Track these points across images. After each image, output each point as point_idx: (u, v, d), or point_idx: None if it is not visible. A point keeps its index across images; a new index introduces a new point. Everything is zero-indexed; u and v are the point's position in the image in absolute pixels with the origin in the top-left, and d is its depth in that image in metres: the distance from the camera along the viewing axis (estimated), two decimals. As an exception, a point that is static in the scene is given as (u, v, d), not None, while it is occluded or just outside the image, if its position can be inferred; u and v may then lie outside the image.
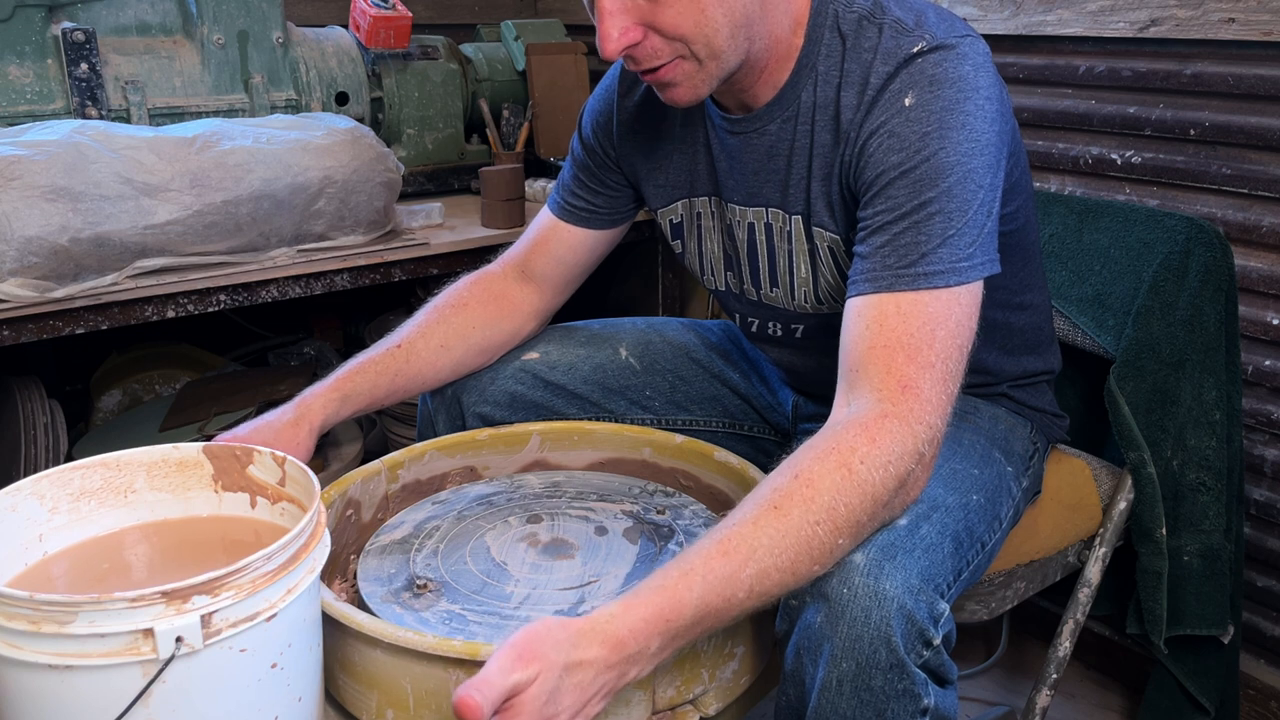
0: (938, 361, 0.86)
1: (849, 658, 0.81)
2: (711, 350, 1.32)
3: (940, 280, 0.88)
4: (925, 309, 0.88)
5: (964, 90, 0.91)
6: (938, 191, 0.89)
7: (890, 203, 0.91)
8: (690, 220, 1.17)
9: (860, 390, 0.87)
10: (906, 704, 0.82)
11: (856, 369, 0.89)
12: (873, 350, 0.88)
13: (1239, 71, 1.33)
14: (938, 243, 0.89)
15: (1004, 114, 0.95)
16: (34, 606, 0.70)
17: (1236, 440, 1.28)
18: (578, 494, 1.19)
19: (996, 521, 1.01)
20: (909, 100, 0.92)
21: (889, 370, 0.86)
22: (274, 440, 1.06)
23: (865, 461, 0.82)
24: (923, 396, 0.85)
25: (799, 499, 0.81)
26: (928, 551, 0.85)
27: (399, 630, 0.86)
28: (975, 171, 0.90)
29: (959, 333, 0.89)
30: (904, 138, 0.91)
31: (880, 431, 0.84)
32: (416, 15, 1.87)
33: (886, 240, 0.90)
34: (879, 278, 0.90)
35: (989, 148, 0.91)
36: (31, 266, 1.27)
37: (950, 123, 0.90)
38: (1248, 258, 1.36)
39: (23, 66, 1.54)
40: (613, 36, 0.91)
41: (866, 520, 0.83)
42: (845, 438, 0.84)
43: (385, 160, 1.55)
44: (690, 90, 0.97)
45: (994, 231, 0.93)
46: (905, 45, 0.93)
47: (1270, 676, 1.46)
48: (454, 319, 1.20)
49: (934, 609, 0.83)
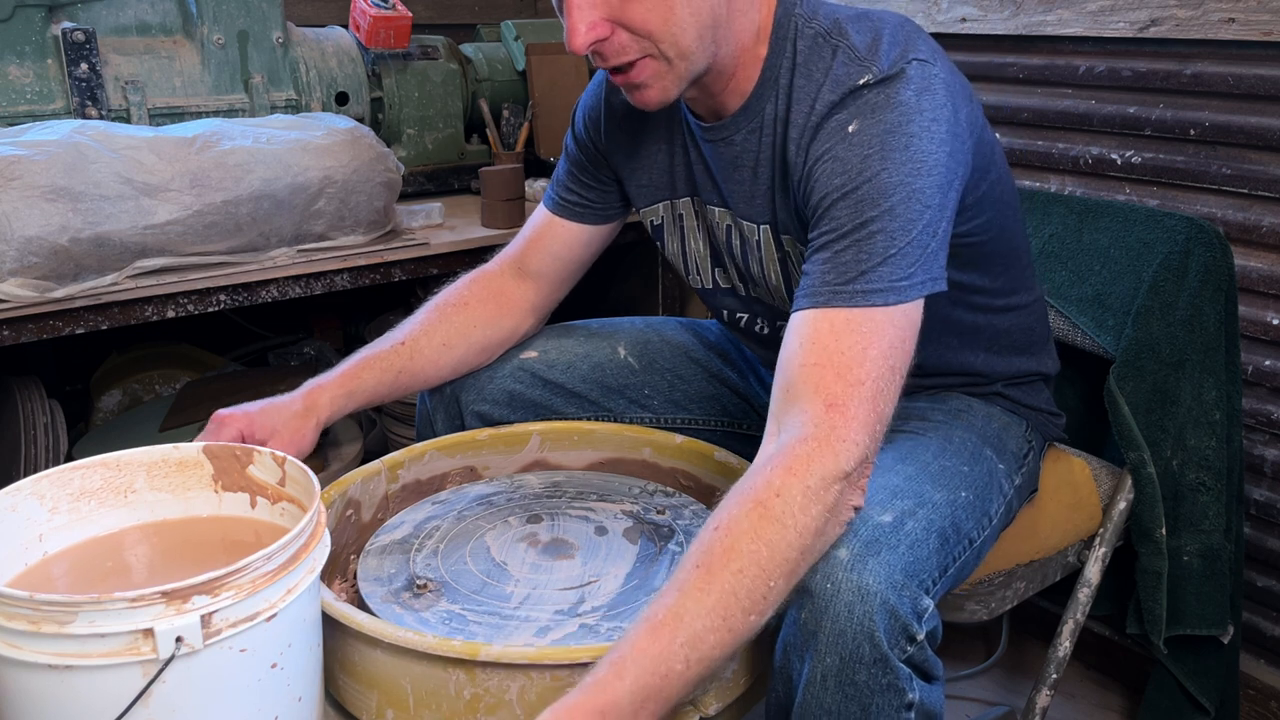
0: (867, 379, 0.85)
1: (833, 652, 0.81)
2: (710, 350, 1.33)
3: (879, 298, 0.88)
4: (859, 327, 0.87)
5: (906, 114, 0.90)
6: (879, 211, 0.89)
7: (833, 223, 0.91)
8: (672, 221, 1.18)
9: (788, 415, 0.86)
10: (891, 698, 0.82)
11: (787, 388, 0.88)
12: (804, 368, 0.87)
13: (1239, 71, 1.33)
14: (878, 261, 0.88)
15: (956, 134, 0.93)
16: (34, 606, 0.70)
17: (1236, 440, 1.28)
18: (578, 494, 1.20)
19: (986, 519, 1.01)
20: (852, 127, 0.92)
21: (817, 389, 0.85)
22: (281, 428, 1.07)
23: (782, 495, 0.81)
24: (848, 414, 0.84)
25: (720, 552, 0.80)
26: (912, 547, 0.86)
27: (399, 630, 0.86)
28: (920, 191, 0.89)
29: (892, 353, 0.87)
30: (846, 161, 0.91)
31: (798, 461, 0.82)
32: (416, 15, 1.87)
33: (828, 258, 0.90)
34: (817, 294, 0.89)
35: (936, 168, 0.90)
36: (31, 266, 1.27)
37: (892, 144, 0.90)
38: (1248, 258, 1.36)
39: (23, 66, 1.54)
40: (580, 30, 0.92)
41: (796, 556, 0.81)
42: (764, 476, 0.83)
43: (385, 160, 1.55)
44: (659, 91, 0.98)
45: (940, 251, 0.92)
46: (854, 75, 0.93)
47: (1270, 676, 1.46)
48: (455, 318, 1.21)
49: (917, 604, 0.83)
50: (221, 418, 1.06)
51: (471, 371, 1.25)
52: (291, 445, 1.07)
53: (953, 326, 1.10)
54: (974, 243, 1.04)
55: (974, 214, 1.02)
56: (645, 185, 1.18)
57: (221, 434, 1.05)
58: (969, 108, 0.97)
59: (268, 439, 1.06)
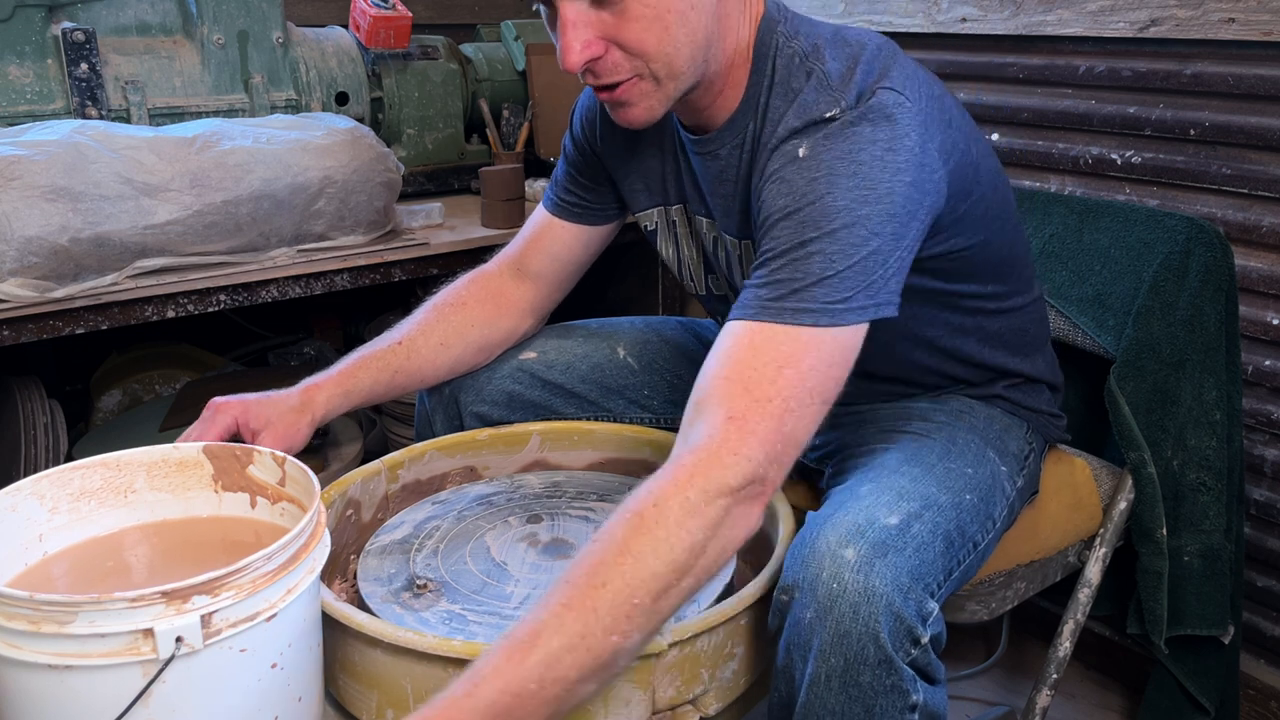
0: (776, 398, 0.83)
1: (837, 653, 0.81)
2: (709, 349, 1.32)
3: (808, 318, 0.86)
4: (778, 346, 0.85)
5: (858, 143, 0.89)
6: (820, 234, 0.87)
7: (774, 242, 0.90)
8: (666, 228, 1.18)
9: (692, 427, 0.85)
10: (895, 700, 0.82)
11: (697, 400, 0.86)
12: (715, 379, 0.86)
13: (1239, 71, 1.33)
14: (813, 281, 0.86)
15: (922, 164, 0.91)
16: (34, 606, 0.70)
17: (1236, 440, 1.28)
18: (578, 494, 1.20)
19: (990, 522, 1.01)
20: (803, 151, 0.91)
21: (721, 401, 0.84)
22: (276, 420, 1.07)
23: (659, 506, 0.78)
24: (747, 429, 0.81)
25: (587, 566, 0.77)
26: (919, 550, 0.86)
27: (399, 630, 0.86)
28: (866, 219, 0.87)
29: (811, 375, 0.85)
30: (793, 183, 0.90)
31: (683, 471, 0.80)
32: (416, 15, 1.87)
33: (764, 275, 0.89)
34: (747, 306, 0.89)
35: (888, 197, 0.88)
36: (31, 266, 1.27)
37: (840, 170, 0.88)
38: (1248, 258, 1.36)
39: (23, 66, 1.54)
40: (575, 49, 0.91)
41: (666, 572, 0.77)
42: (648, 486, 0.81)
43: (385, 160, 1.55)
44: (645, 110, 0.97)
45: (891, 278, 0.89)
46: (821, 106, 0.92)
47: (1270, 676, 1.46)
48: (453, 317, 1.21)
49: (923, 608, 0.83)
50: (217, 405, 1.07)
51: (469, 371, 1.25)
52: (284, 439, 1.07)
53: (945, 329, 1.10)
54: (959, 258, 1.04)
55: (953, 233, 1.01)
56: (639, 190, 1.18)
57: (216, 420, 1.05)
58: (944, 134, 0.95)
59: (261, 430, 1.06)
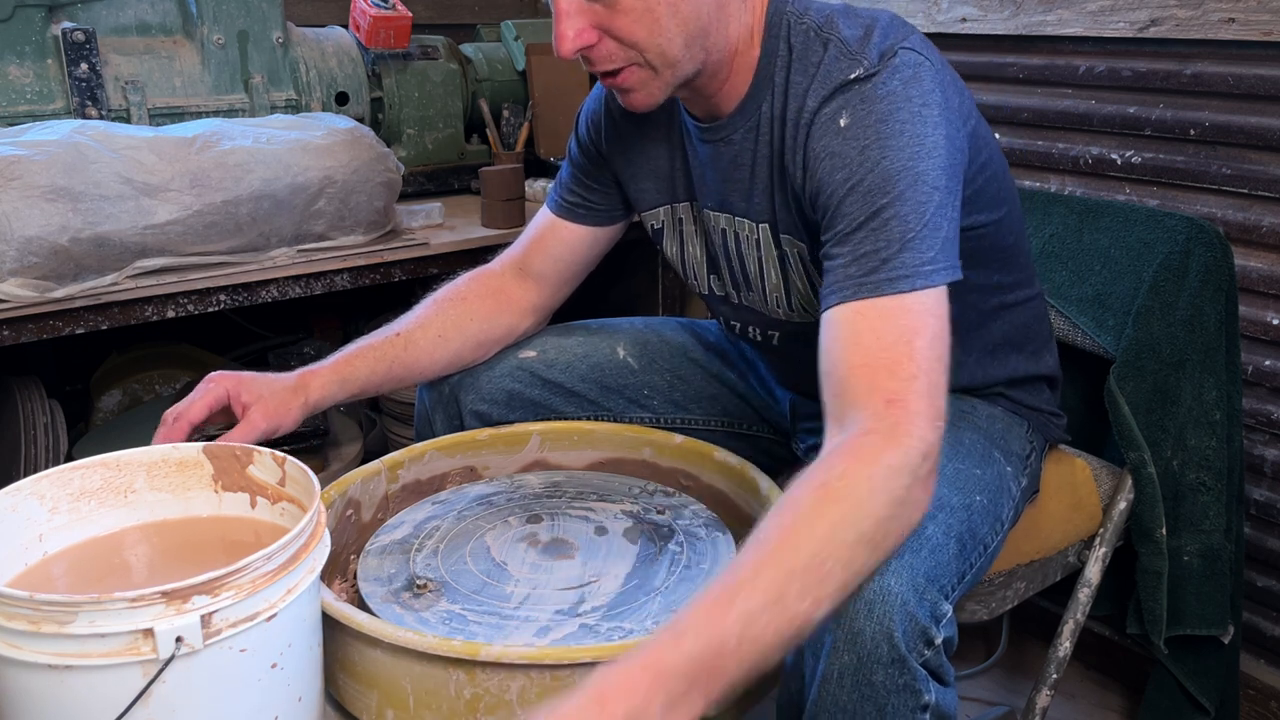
0: (920, 374, 0.84)
1: (850, 651, 0.81)
2: (709, 350, 1.33)
3: (906, 284, 0.87)
4: (898, 321, 0.87)
5: (894, 102, 0.91)
6: (889, 198, 0.89)
7: (845, 219, 0.91)
8: (672, 226, 1.18)
9: (848, 413, 0.85)
10: (907, 699, 0.82)
11: (841, 392, 0.87)
12: (853, 370, 0.86)
13: (1239, 71, 1.33)
14: (898, 248, 0.88)
15: (949, 120, 0.93)
16: (34, 606, 0.70)
17: (1236, 440, 1.28)
18: (578, 494, 1.20)
19: (999, 523, 1.01)
20: (844, 121, 0.92)
21: (873, 389, 0.84)
22: (268, 396, 1.08)
23: (846, 479, 0.80)
24: (910, 410, 0.83)
25: (778, 531, 0.78)
26: (933, 552, 0.85)
27: (399, 630, 0.86)
28: (925, 174, 0.89)
29: (936, 341, 0.87)
30: (844, 155, 0.92)
31: (864, 450, 0.81)
32: (416, 15, 1.87)
33: (848, 251, 0.90)
34: (844, 289, 0.89)
35: (936, 150, 0.90)
36: (31, 266, 1.27)
37: (886, 132, 0.90)
38: (1248, 258, 1.36)
39: (23, 66, 1.54)
40: (568, 36, 0.93)
41: (854, 540, 0.79)
42: (827, 463, 0.82)
43: (385, 160, 1.55)
44: (646, 96, 0.99)
45: (954, 237, 0.91)
46: (844, 69, 0.93)
47: (1270, 676, 1.46)
48: (452, 311, 1.21)
49: (937, 609, 0.83)
50: (213, 376, 1.08)
51: (468, 367, 1.24)
52: (274, 415, 1.07)
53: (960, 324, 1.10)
54: (977, 236, 1.04)
55: (973, 208, 1.01)
56: (646, 189, 1.18)
57: (210, 390, 1.06)
58: (960, 99, 0.97)
59: (252, 404, 1.07)
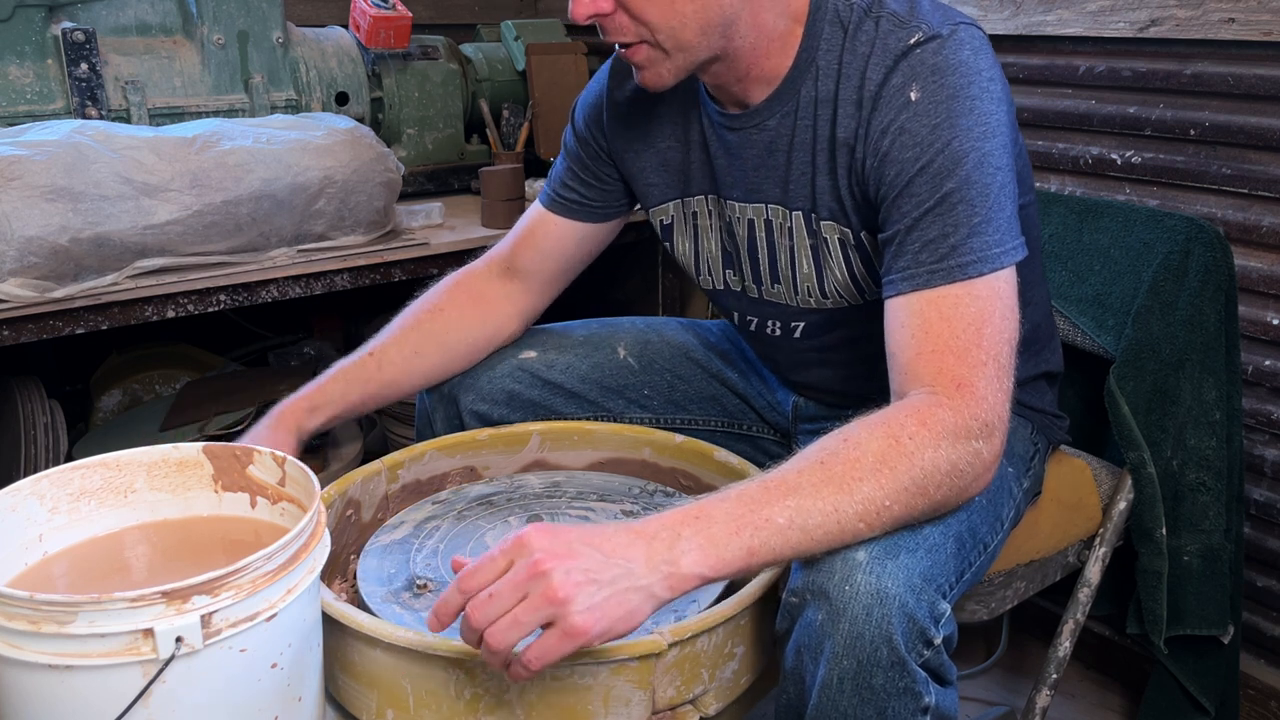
0: (989, 360, 0.86)
1: (850, 655, 0.80)
2: (710, 350, 1.32)
3: (974, 270, 0.88)
4: (967, 308, 0.88)
5: (966, 75, 0.91)
6: (957, 181, 0.89)
7: (913, 200, 0.91)
8: (684, 220, 1.17)
9: (915, 388, 0.87)
10: (908, 702, 0.82)
11: (908, 374, 0.88)
12: (921, 356, 0.87)
13: (1239, 71, 1.33)
14: (966, 232, 0.89)
15: (1007, 96, 0.95)
16: (34, 606, 0.70)
17: (1236, 440, 1.28)
18: (578, 494, 1.19)
19: (998, 523, 1.01)
20: (914, 94, 0.92)
21: (940, 372, 0.86)
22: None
23: (914, 438, 0.82)
24: (978, 394, 0.84)
25: (843, 458, 0.81)
26: (931, 552, 0.85)
27: (399, 630, 0.86)
28: (990, 154, 0.90)
29: (1004, 326, 0.88)
30: (915, 133, 0.92)
31: (932, 416, 0.83)
32: (416, 15, 1.87)
33: (916, 236, 0.90)
34: (914, 275, 0.90)
35: (1000, 129, 0.91)
36: (31, 266, 1.27)
37: (957, 109, 0.90)
38: (1248, 258, 1.36)
39: (23, 66, 1.54)
40: (584, 1, 0.94)
41: (913, 491, 0.81)
42: (896, 416, 0.84)
43: (385, 160, 1.55)
44: (655, 76, 0.99)
45: (1015, 214, 0.92)
46: (902, 38, 0.94)
47: (1270, 676, 1.46)
48: (428, 324, 1.20)
49: (935, 609, 0.83)
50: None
51: (469, 372, 1.24)
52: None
53: None
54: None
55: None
56: (654, 184, 1.16)
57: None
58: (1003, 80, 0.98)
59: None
